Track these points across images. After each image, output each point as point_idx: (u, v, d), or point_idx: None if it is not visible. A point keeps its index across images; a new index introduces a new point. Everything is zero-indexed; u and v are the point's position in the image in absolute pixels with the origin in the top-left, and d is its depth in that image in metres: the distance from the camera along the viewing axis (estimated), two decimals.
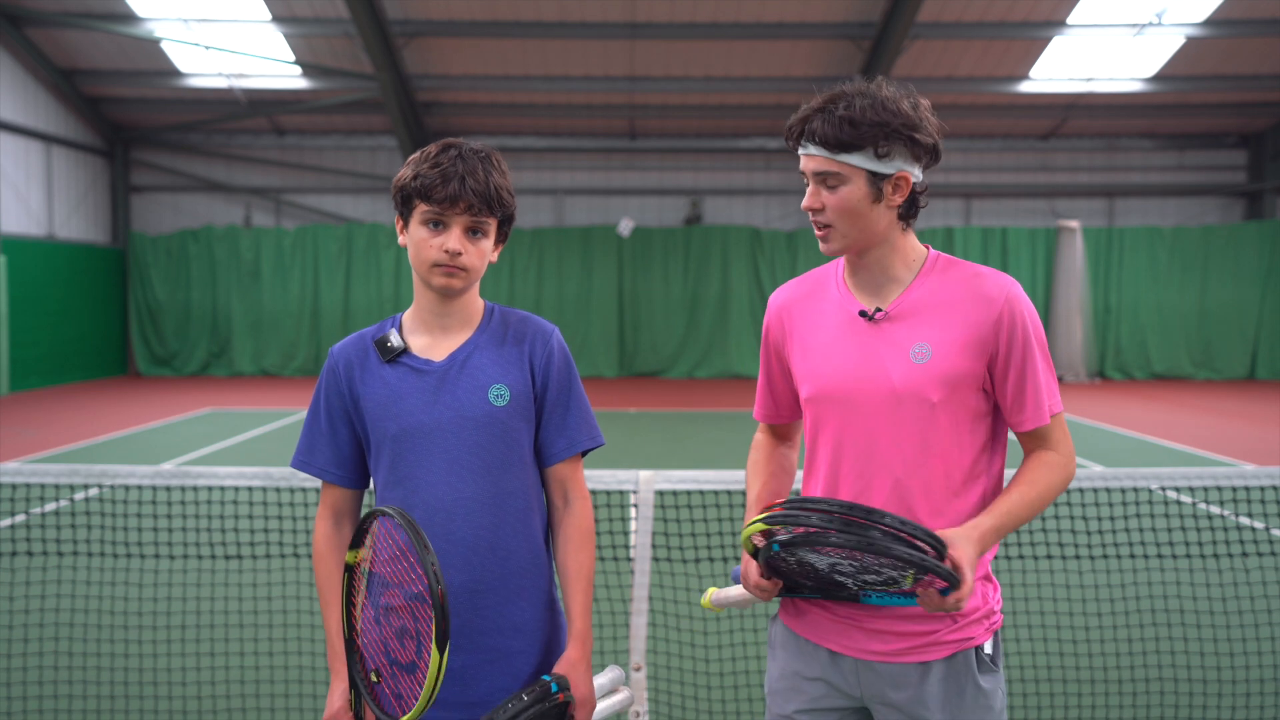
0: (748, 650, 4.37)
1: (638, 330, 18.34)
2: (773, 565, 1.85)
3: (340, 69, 15.56)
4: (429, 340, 2.01)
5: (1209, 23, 14.38)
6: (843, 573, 1.78)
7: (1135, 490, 4.35)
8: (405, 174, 1.95)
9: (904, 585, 1.73)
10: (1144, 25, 14.45)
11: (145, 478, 3.40)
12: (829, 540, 1.70)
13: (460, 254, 1.92)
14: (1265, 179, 18.09)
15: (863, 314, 1.94)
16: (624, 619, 4.36)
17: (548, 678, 1.76)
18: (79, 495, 7.09)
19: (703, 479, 3.36)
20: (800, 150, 1.90)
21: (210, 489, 4.90)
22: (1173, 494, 7.09)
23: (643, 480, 3.28)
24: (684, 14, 14.41)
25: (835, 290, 2.01)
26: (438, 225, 1.92)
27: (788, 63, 15.69)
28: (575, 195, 18.77)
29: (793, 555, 1.78)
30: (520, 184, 18.04)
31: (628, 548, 4.27)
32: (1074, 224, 17.74)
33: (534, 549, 2.01)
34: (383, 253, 18.04)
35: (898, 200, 1.88)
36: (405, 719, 1.68)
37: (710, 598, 2.18)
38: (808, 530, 1.72)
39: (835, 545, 1.70)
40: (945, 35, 14.65)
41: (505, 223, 2.01)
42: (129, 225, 18.21)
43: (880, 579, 1.75)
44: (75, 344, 16.60)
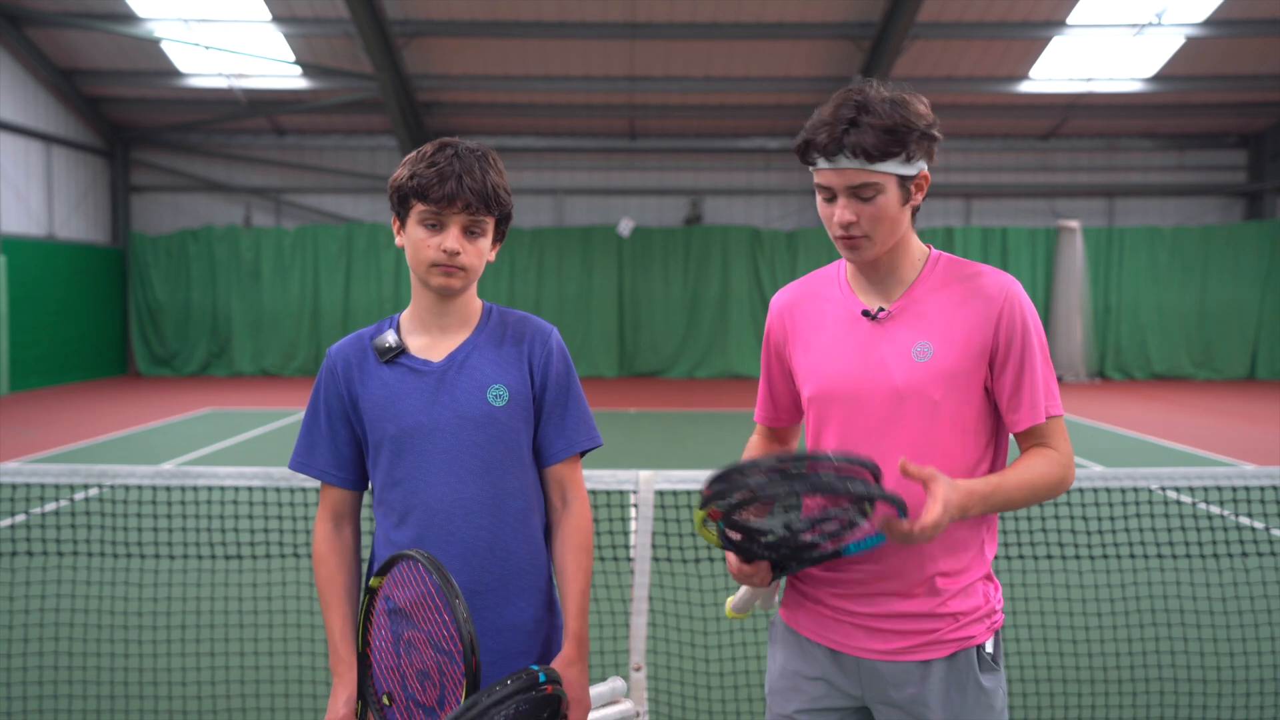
0: (748, 650, 4.37)
1: (638, 330, 18.32)
2: (741, 548, 1.81)
3: (340, 69, 15.55)
4: (427, 340, 2.00)
5: (1209, 23, 14.38)
6: (800, 530, 1.74)
7: (1135, 490, 4.35)
8: (401, 174, 1.94)
9: (864, 524, 1.72)
10: (1144, 25, 14.44)
11: (145, 478, 3.40)
12: (756, 498, 1.70)
13: (458, 253, 1.91)
14: (1265, 179, 18.08)
15: (865, 313, 1.94)
16: (624, 619, 4.36)
17: (535, 667, 1.75)
18: (79, 495, 7.09)
19: (703, 479, 3.34)
20: (829, 164, 1.83)
21: (210, 489, 4.90)
22: (1173, 494, 7.09)
23: (643, 480, 3.28)
24: (684, 14, 14.40)
25: (838, 290, 2.01)
26: (435, 225, 1.92)
27: (788, 63, 15.69)
28: (575, 195, 18.77)
29: (737, 529, 1.76)
30: (520, 184, 18.09)
31: (628, 548, 4.26)
32: (1074, 224, 17.73)
33: (533, 550, 2.00)
34: (383, 253, 18.04)
35: (920, 199, 1.89)
36: None
37: (729, 606, 2.17)
38: (741, 498, 1.71)
39: (765, 499, 1.71)
40: (945, 35, 14.65)
41: (503, 222, 2.00)
42: (129, 225, 18.21)
43: (842, 526, 1.73)
44: (75, 344, 16.59)
